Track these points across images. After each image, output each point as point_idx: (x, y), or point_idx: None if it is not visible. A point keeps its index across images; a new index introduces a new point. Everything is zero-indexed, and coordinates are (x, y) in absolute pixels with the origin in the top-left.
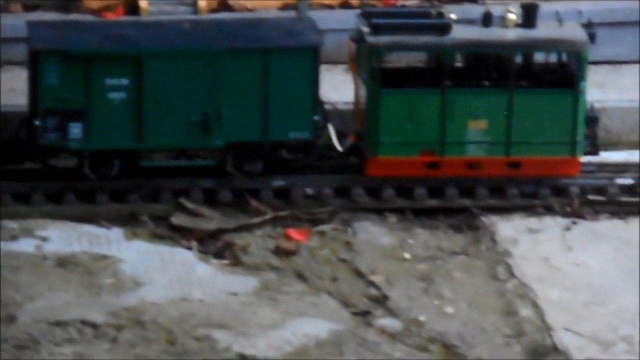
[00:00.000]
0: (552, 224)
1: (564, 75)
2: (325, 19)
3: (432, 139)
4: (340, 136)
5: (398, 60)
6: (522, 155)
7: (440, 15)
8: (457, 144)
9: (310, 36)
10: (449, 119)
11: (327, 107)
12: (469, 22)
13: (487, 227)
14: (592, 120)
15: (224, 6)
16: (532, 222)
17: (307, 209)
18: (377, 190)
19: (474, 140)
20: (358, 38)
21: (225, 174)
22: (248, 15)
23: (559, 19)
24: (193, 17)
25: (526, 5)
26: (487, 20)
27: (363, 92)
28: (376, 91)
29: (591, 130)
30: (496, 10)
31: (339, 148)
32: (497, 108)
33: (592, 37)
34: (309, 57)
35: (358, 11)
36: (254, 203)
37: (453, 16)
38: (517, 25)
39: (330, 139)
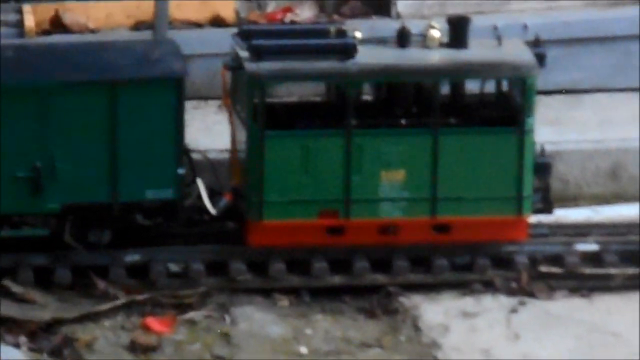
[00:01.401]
0: (494, 306)
1: (505, 109)
2: (191, 40)
3: (333, 196)
4: (214, 195)
5: (287, 93)
6: (452, 215)
7: (342, 33)
8: (366, 202)
9: (171, 64)
10: (356, 170)
11: (195, 156)
12: (380, 41)
13: (409, 311)
14: (543, 167)
15: (58, 26)
16: (468, 303)
17: (172, 291)
18: (262, 265)
19: (389, 197)
20: (234, 65)
21: (63, 246)
22: (90, 37)
23: (498, 35)
24: (17, 41)
25: (454, 20)
26: (403, 39)
27: (242, 135)
28: (259, 134)
29: (542, 181)
30: (416, 26)
31: (212, 210)
32: (419, 154)
33: (540, 59)
34: (170, 92)
35: (234, 30)
36: (101, 284)
37: (358, 35)
38: (443, 45)
39: (200, 198)
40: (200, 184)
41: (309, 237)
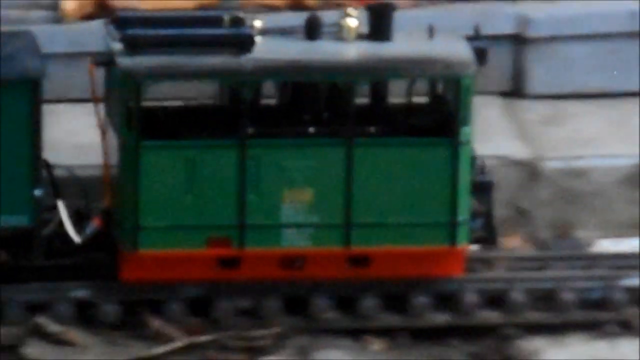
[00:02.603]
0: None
1: (436, 115)
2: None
3: (225, 221)
4: (80, 219)
5: (170, 95)
6: (371, 245)
7: (238, 22)
8: (265, 228)
9: (24, 62)
10: (252, 188)
11: (58, 173)
12: (285, 32)
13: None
14: (483, 187)
15: (104, 10)
16: (599, 347)
17: (241, 332)
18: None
19: (294, 222)
20: (105, 60)
21: None
22: None
23: (430, 27)
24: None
25: (375, 7)
26: (312, 29)
27: (115, 146)
28: (134, 144)
29: (484, 204)
30: (330, 16)
31: (75, 238)
32: (330, 170)
33: (481, 56)
34: (23, 96)
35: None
36: (155, 323)
37: (258, 24)
38: (362, 37)
39: (62, 224)
40: (61, 206)
41: (196, 271)
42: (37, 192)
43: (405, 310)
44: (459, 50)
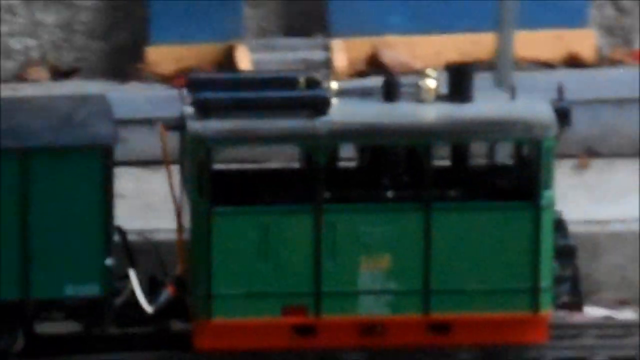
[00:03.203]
0: None
1: (518, 178)
2: (542, 84)
3: (300, 288)
4: (154, 285)
5: (243, 159)
6: (450, 311)
7: (314, 83)
8: (342, 295)
9: (97, 128)
10: (328, 255)
11: (132, 239)
12: (364, 93)
13: None
14: (567, 251)
15: (376, 66)
16: None
17: None
18: None
19: (371, 289)
20: (176, 124)
21: None
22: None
23: (511, 87)
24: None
25: (455, 68)
26: (390, 90)
27: (188, 211)
28: (205, 210)
29: (571, 269)
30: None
31: (147, 308)
32: (407, 235)
33: (563, 117)
34: (95, 163)
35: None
36: None
37: (334, 85)
38: (441, 98)
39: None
40: (133, 275)
41: (271, 340)
42: (109, 262)
43: None
44: (541, 112)
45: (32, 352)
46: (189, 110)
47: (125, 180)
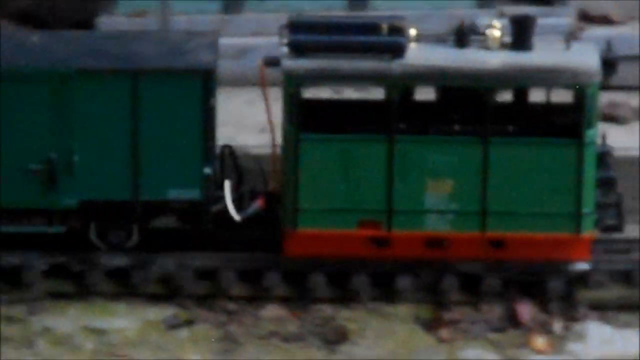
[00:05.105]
0: None
1: (566, 118)
2: None
3: (375, 206)
4: (247, 197)
5: (329, 93)
6: (505, 230)
7: (395, 30)
8: (411, 213)
9: (200, 55)
10: (400, 179)
11: (241, 153)
12: (439, 39)
13: None
14: (608, 182)
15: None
16: None
17: None
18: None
19: (435, 209)
20: (273, 61)
21: (85, 246)
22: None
23: (568, 36)
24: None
25: (517, 19)
26: (461, 37)
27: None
28: (294, 137)
29: (610, 197)
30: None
31: (235, 216)
32: (468, 163)
33: (610, 66)
34: (196, 85)
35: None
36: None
37: (413, 32)
38: (505, 46)
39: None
40: (227, 185)
41: (348, 249)
42: (207, 170)
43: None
44: (588, 61)
45: (146, 246)
46: (285, 49)
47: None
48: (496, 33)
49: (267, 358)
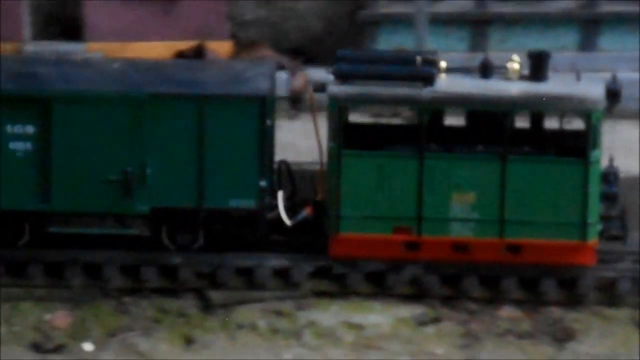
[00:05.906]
0: None
1: (574, 141)
2: None
3: (407, 214)
4: (298, 206)
5: (371, 116)
6: (520, 237)
7: (428, 63)
8: (438, 221)
9: (258, 83)
10: (428, 190)
11: (293, 169)
12: (466, 71)
13: None
14: (611, 196)
15: None
16: None
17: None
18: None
19: (459, 217)
20: (321, 87)
21: (155, 247)
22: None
23: (577, 71)
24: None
25: (534, 54)
26: (485, 69)
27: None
28: (337, 152)
29: (613, 210)
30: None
31: (287, 221)
32: (489, 178)
33: (613, 96)
34: (254, 109)
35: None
36: None
37: (443, 64)
38: (523, 78)
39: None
40: (280, 195)
41: (385, 251)
42: (262, 183)
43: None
44: (593, 91)
45: (209, 248)
46: (331, 77)
47: None
48: (515, 66)
49: (503, 352)
